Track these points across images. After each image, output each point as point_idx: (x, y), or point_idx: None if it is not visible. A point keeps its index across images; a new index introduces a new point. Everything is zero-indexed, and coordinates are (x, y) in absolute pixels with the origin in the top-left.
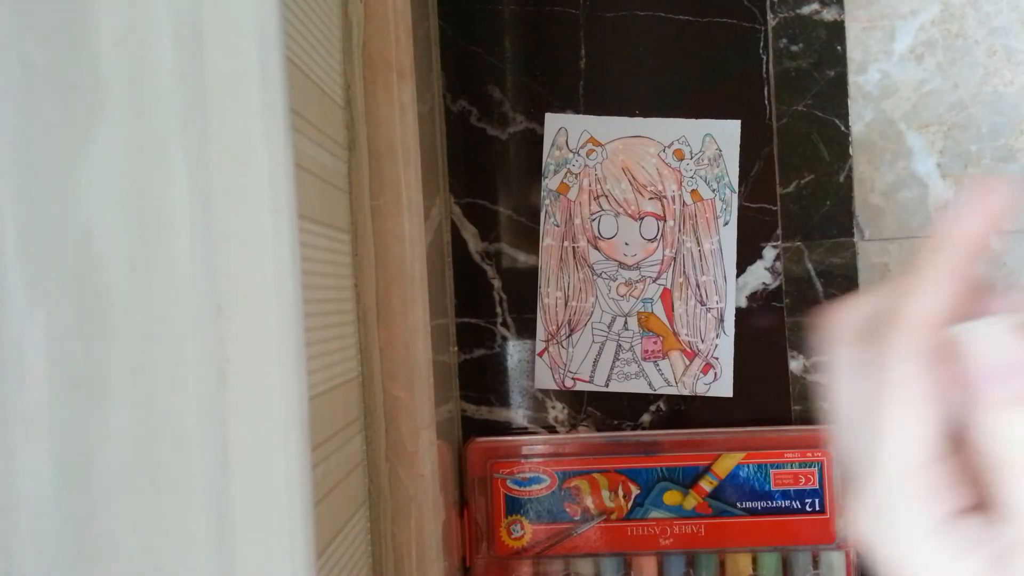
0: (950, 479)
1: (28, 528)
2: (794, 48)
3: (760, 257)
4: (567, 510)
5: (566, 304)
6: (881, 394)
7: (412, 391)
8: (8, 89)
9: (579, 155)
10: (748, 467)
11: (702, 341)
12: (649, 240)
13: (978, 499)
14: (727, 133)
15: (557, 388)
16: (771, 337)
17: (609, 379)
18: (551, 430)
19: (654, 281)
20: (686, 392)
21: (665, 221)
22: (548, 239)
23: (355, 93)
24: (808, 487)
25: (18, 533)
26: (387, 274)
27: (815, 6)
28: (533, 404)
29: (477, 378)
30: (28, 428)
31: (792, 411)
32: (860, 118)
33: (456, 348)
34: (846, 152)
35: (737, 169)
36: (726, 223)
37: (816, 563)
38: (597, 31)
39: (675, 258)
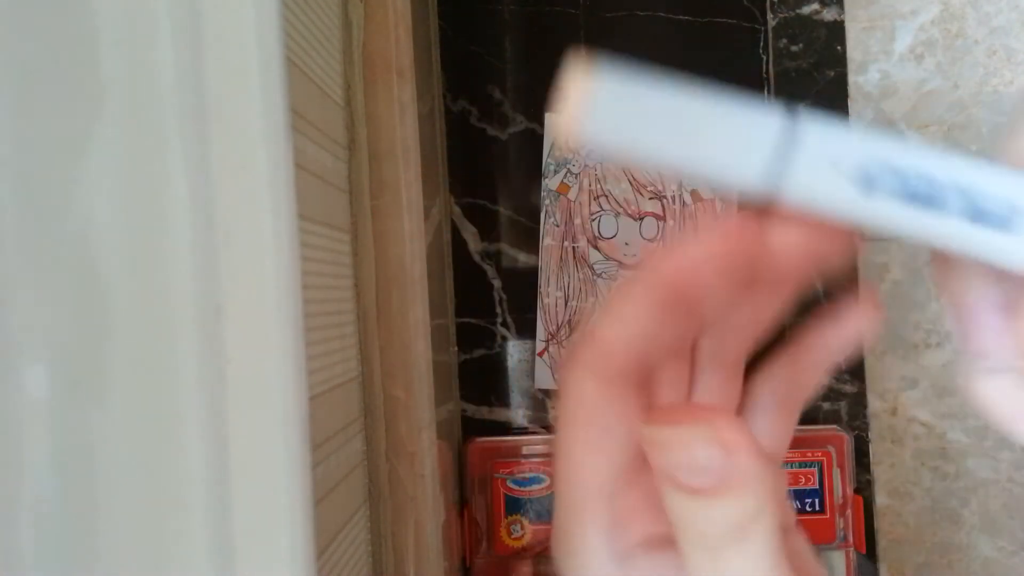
0: (638, 508)
1: (28, 528)
2: (794, 48)
3: None
4: None
5: (566, 304)
6: (560, 418)
7: (412, 391)
8: (6, 88)
9: (579, 155)
10: None
11: None
12: (649, 240)
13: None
14: None
15: (557, 388)
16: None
17: None
18: (551, 430)
19: None
20: None
21: (665, 221)
22: (548, 239)
23: (355, 93)
24: (808, 487)
25: (18, 533)
26: (387, 274)
27: (815, 6)
28: (533, 404)
29: (477, 378)
30: (28, 428)
31: None
32: (860, 118)
33: (456, 348)
34: None
35: None
36: None
37: None
38: (597, 31)
39: None
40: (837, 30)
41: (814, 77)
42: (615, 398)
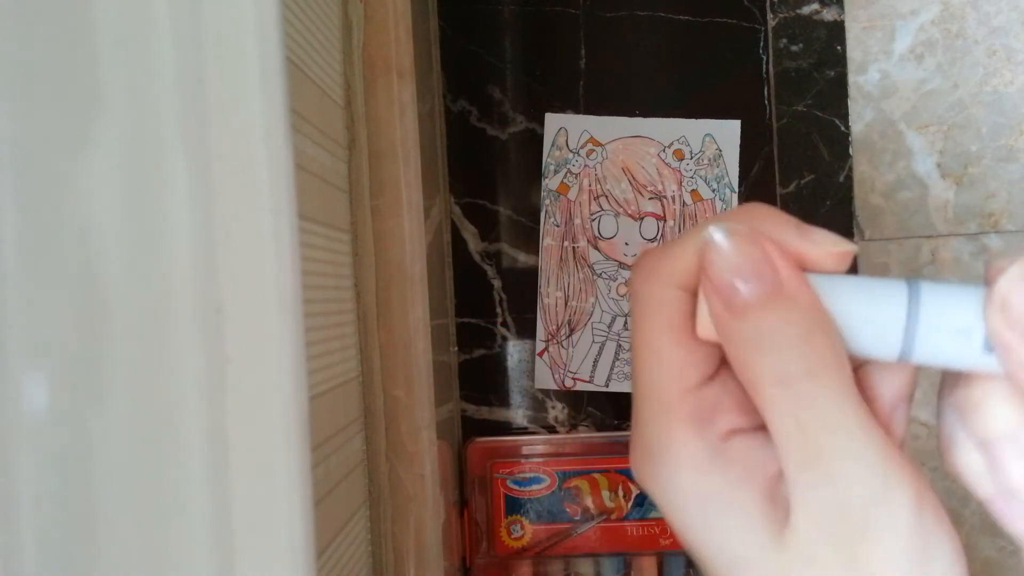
0: (721, 403)
1: (28, 528)
2: (794, 48)
3: None
4: (567, 510)
5: (566, 304)
6: (640, 318)
7: (412, 391)
8: (6, 89)
9: (579, 155)
10: None
11: None
12: (649, 240)
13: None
14: (727, 133)
15: (557, 388)
16: None
17: (609, 379)
18: (551, 430)
19: None
20: None
21: (665, 221)
22: (548, 239)
23: (355, 93)
24: None
25: (18, 533)
26: (387, 274)
27: (815, 6)
28: (533, 404)
29: (477, 378)
30: (27, 428)
31: None
32: (860, 118)
33: (456, 348)
34: (846, 152)
35: (737, 169)
36: None
37: None
38: (597, 31)
39: None
40: (837, 30)
41: (814, 77)
42: (691, 306)
